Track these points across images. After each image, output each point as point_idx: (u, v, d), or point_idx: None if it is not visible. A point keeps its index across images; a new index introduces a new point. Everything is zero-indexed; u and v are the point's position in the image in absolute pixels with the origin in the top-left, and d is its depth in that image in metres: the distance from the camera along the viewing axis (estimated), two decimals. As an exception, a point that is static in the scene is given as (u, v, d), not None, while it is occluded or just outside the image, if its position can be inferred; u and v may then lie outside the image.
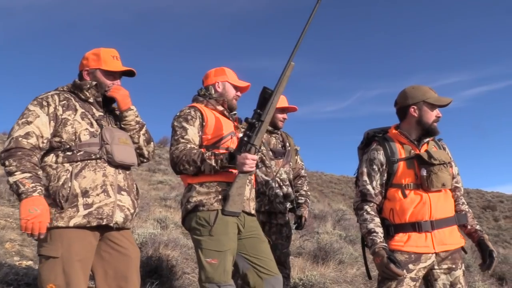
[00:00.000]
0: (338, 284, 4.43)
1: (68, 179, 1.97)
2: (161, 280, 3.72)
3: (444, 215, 2.27)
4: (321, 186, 25.89)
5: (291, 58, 2.26)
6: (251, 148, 2.23)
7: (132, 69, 2.24)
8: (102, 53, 2.19)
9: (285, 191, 3.29)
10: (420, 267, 2.20)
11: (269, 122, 2.38)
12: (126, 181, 2.15)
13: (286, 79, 2.27)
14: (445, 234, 2.24)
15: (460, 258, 2.28)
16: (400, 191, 2.28)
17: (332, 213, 9.87)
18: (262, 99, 2.27)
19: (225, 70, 2.56)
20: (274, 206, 3.20)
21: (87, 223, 1.96)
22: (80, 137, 2.05)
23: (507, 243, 16.84)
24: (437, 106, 2.31)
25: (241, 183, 2.26)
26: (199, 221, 2.26)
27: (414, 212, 2.24)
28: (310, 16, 2.27)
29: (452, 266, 2.23)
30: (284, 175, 3.33)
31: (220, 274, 2.16)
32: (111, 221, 2.02)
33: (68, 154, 2.02)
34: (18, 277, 3.25)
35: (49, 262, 1.92)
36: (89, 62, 2.19)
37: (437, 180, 2.22)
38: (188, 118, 2.37)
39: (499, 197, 31.25)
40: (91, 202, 1.99)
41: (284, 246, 3.27)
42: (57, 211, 1.94)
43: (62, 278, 1.89)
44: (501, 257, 6.36)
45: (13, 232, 4.74)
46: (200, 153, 2.24)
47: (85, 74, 2.19)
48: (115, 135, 2.12)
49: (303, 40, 2.25)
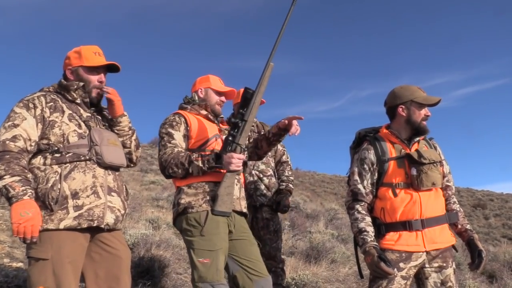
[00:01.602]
0: (330, 283, 4.45)
1: (57, 181, 1.94)
2: (153, 280, 3.71)
3: (435, 213, 2.28)
4: (314, 185, 25.95)
5: (270, 58, 2.32)
6: (237, 147, 2.29)
7: (116, 63, 2.21)
8: (83, 50, 2.16)
9: (266, 182, 3.32)
10: (411, 265, 2.22)
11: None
12: (116, 182, 2.14)
13: (267, 79, 2.34)
14: (435, 233, 2.26)
15: (450, 256, 2.29)
16: (390, 190, 2.29)
17: (324, 212, 9.90)
18: (244, 99, 2.34)
19: (209, 77, 2.63)
20: (255, 199, 3.24)
21: (77, 225, 1.94)
22: (68, 138, 2.03)
23: (497, 241, 17.00)
24: (426, 105, 2.33)
25: (229, 183, 2.29)
26: (190, 222, 2.28)
27: (404, 211, 2.26)
28: (286, 16, 2.33)
29: (443, 264, 2.24)
30: (262, 166, 3.35)
31: (213, 274, 2.18)
32: (102, 223, 2.01)
33: (56, 156, 1.99)
34: (8, 279, 3.22)
35: (38, 264, 1.90)
36: (71, 61, 2.17)
37: (427, 179, 2.23)
38: (173, 124, 2.43)
39: (489, 195, 31.60)
40: (81, 204, 1.97)
41: (272, 241, 3.27)
42: (47, 213, 1.92)
43: (53, 280, 1.87)
44: (491, 255, 6.41)
45: (3, 234, 4.69)
46: (188, 156, 2.28)
47: (68, 73, 2.17)
48: (104, 136, 2.11)
49: (283, 41, 2.34)
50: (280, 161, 3.58)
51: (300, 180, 24.37)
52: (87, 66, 2.15)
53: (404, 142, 2.34)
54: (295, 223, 7.44)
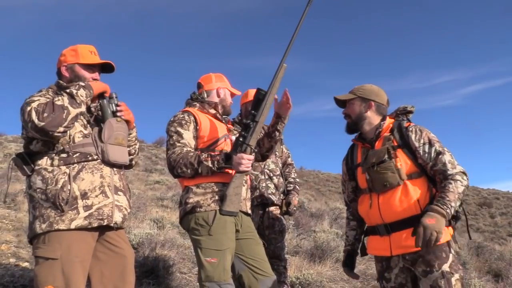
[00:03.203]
0: (335, 283, 4.44)
1: (66, 181, 1.96)
2: (157, 280, 3.72)
3: (400, 216, 2.09)
4: (318, 184, 25.90)
5: (283, 59, 2.29)
6: (247, 148, 2.27)
7: (111, 63, 2.25)
8: (79, 48, 2.19)
9: (276, 181, 3.37)
10: (395, 273, 2.16)
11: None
12: (121, 181, 2.18)
13: (279, 80, 2.30)
14: (401, 237, 2.09)
15: (437, 259, 2.03)
16: (361, 196, 2.32)
17: (329, 211, 9.87)
18: (256, 100, 2.32)
19: (224, 77, 2.63)
20: (266, 197, 3.29)
21: (88, 225, 1.97)
22: (74, 139, 2.05)
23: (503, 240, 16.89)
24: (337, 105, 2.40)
25: (238, 183, 2.28)
26: (197, 221, 2.28)
27: (368, 216, 2.24)
28: (301, 17, 2.29)
29: (426, 269, 2.04)
30: (272, 165, 3.40)
31: (220, 273, 2.18)
32: (111, 221, 2.04)
33: (63, 157, 2.01)
34: (14, 278, 3.24)
35: (47, 263, 1.91)
36: (66, 58, 2.19)
37: (377, 181, 2.14)
38: (183, 122, 2.39)
39: (495, 194, 31.39)
40: (90, 204, 2.00)
41: (277, 240, 3.34)
42: (57, 214, 1.94)
43: (62, 280, 1.88)
44: (497, 254, 6.38)
45: (9, 234, 4.72)
46: (197, 156, 2.26)
47: (63, 70, 2.19)
48: (112, 134, 2.13)
49: (295, 41, 2.28)
50: (286, 163, 3.65)
51: (304, 179, 24.35)
52: (83, 64, 2.17)
53: (371, 143, 2.27)
54: (299, 222, 7.43)
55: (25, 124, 1.93)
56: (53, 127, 1.89)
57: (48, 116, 1.88)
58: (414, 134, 2.15)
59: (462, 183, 2.03)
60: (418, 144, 2.13)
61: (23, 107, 1.96)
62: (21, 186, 8.28)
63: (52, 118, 1.88)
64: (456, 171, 2.06)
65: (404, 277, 2.14)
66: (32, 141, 2.06)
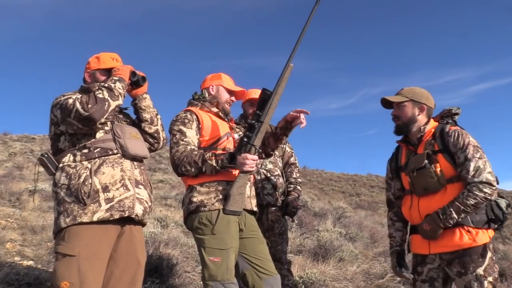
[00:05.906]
0: (338, 282, 4.44)
1: (88, 176, 2.04)
2: (161, 279, 3.74)
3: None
4: (322, 184, 25.91)
5: (290, 59, 2.27)
6: (251, 148, 2.27)
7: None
8: (102, 55, 2.35)
9: (274, 181, 3.28)
10: (428, 268, 2.24)
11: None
12: (142, 175, 2.24)
13: (285, 81, 2.29)
14: (441, 236, 2.15)
15: (472, 262, 2.08)
16: (405, 196, 2.38)
17: (332, 210, 9.88)
18: (261, 101, 2.30)
19: (221, 75, 2.63)
20: (262, 198, 3.19)
21: (110, 216, 2.03)
22: (95, 135, 2.15)
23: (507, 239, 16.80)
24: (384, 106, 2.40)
25: (242, 183, 2.29)
26: (201, 220, 2.28)
27: (410, 216, 2.31)
28: (308, 17, 2.28)
29: (461, 270, 2.10)
30: (270, 165, 3.32)
31: (223, 272, 2.19)
32: (132, 213, 2.10)
33: (85, 152, 2.11)
34: (19, 277, 3.26)
35: (65, 260, 1.97)
36: (90, 65, 2.34)
37: (418, 186, 2.23)
38: (185, 121, 2.41)
39: (499, 193, 31.20)
40: (111, 197, 2.06)
41: (278, 243, 3.24)
42: (80, 207, 2.01)
43: (77, 276, 1.93)
44: (501, 253, 6.35)
45: (14, 232, 4.75)
46: (201, 154, 2.27)
47: (86, 76, 2.34)
48: (125, 130, 2.23)
49: (302, 41, 2.26)
50: (288, 163, 3.53)
51: (308, 179, 24.35)
52: (103, 69, 2.30)
53: (414, 146, 2.33)
54: (302, 222, 7.43)
55: (67, 115, 2.04)
56: (99, 117, 2.02)
57: (93, 107, 2.01)
58: (453, 139, 2.19)
59: (477, 195, 2.07)
60: (455, 149, 2.17)
61: (61, 102, 2.08)
62: (25, 185, 8.34)
63: (96, 109, 2.01)
64: (478, 180, 2.09)
65: (436, 273, 2.23)
66: (60, 138, 2.16)
